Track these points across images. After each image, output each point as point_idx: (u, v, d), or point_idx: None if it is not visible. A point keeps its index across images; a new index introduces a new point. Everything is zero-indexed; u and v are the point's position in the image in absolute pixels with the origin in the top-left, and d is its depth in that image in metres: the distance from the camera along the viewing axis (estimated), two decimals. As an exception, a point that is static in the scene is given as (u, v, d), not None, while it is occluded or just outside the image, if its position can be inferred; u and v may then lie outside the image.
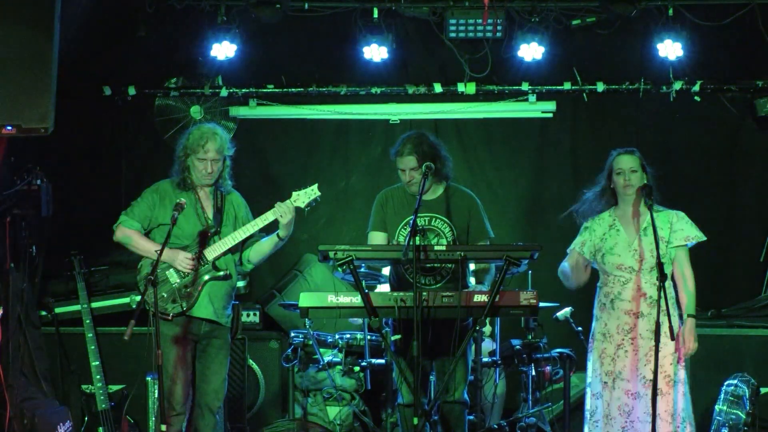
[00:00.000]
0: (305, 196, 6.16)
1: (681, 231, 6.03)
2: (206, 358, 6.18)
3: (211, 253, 6.11)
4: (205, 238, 6.12)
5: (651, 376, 5.73)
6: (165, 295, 6.05)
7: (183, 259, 6.05)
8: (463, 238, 6.22)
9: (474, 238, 6.24)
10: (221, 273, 6.13)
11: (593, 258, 6.21)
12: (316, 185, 6.19)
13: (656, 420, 5.64)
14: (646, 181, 6.08)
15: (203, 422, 6.18)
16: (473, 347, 6.64)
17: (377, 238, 6.31)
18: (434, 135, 6.65)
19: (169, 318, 5.99)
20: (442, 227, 6.19)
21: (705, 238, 6.08)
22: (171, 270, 6.08)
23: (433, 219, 6.21)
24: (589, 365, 6.18)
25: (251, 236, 6.22)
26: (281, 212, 6.10)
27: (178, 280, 6.07)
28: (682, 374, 5.96)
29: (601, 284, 6.17)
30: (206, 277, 6.10)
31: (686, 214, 6.13)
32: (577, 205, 6.40)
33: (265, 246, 6.27)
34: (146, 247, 6.12)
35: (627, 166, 6.11)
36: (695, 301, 6.01)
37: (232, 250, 6.19)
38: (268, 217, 6.14)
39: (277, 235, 6.20)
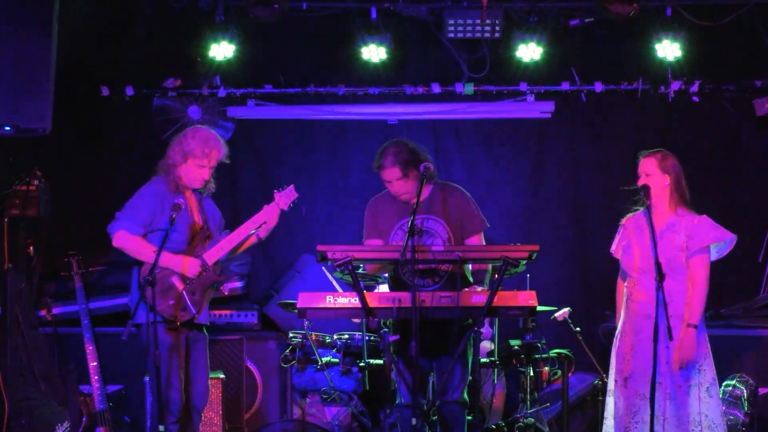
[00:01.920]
0: (286, 197, 6.14)
1: (697, 236, 5.95)
2: (192, 361, 6.14)
3: (211, 258, 6.06)
4: (201, 243, 6.10)
5: (659, 378, 5.73)
6: (173, 302, 5.97)
7: (192, 266, 5.99)
8: (458, 233, 6.19)
9: (469, 231, 6.20)
10: (222, 278, 6.12)
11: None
12: (292, 186, 6.17)
13: (654, 422, 5.65)
14: (667, 183, 5.99)
15: (191, 423, 6.17)
16: (472, 348, 6.64)
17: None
18: (407, 138, 6.56)
19: (177, 325, 5.93)
20: (436, 227, 6.17)
21: (728, 240, 5.99)
22: (175, 276, 6.02)
23: (426, 220, 6.18)
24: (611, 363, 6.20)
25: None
26: (271, 215, 6.10)
27: (182, 287, 6.01)
28: (698, 379, 5.91)
29: (626, 283, 6.17)
30: (210, 283, 6.08)
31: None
32: None
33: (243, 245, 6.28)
34: (150, 254, 5.90)
35: (642, 170, 6.06)
36: (700, 310, 5.95)
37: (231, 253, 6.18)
38: (258, 220, 6.11)
39: (257, 236, 6.19)
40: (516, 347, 7.16)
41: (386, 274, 6.54)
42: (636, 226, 6.12)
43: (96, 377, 7.04)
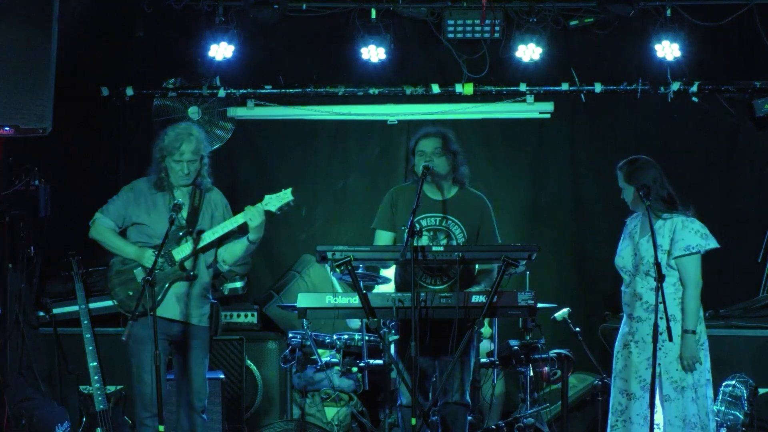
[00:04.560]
0: (277, 200, 6.12)
1: (681, 241, 5.95)
2: (184, 359, 6.16)
3: (179, 253, 6.10)
4: (176, 239, 6.11)
5: (651, 380, 5.73)
6: (131, 294, 6.05)
7: (149, 258, 6.04)
8: (474, 239, 6.21)
9: (483, 242, 6.23)
10: (186, 274, 6.11)
11: None
12: (289, 189, 6.14)
13: (642, 422, 5.65)
14: (641, 193, 5.94)
15: (189, 422, 6.18)
16: (474, 349, 6.64)
17: (384, 237, 6.29)
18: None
19: (134, 318, 5.92)
20: (453, 228, 6.19)
21: (710, 247, 5.98)
22: (139, 268, 6.09)
23: (445, 220, 6.20)
24: None
25: (227, 236, 6.20)
26: (250, 215, 6.08)
27: (143, 278, 6.05)
28: (689, 380, 5.90)
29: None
30: (172, 278, 6.09)
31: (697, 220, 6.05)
32: None
33: (237, 248, 6.25)
34: (119, 245, 6.16)
35: (619, 183, 6.08)
36: (695, 313, 5.94)
37: (203, 251, 6.17)
38: (237, 220, 6.12)
39: (247, 238, 6.18)
40: (516, 347, 7.16)
41: (388, 273, 6.53)
42: (633, 228, 6.14)
43: (95, 377, 7.05)
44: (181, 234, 6.14)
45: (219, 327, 6.32)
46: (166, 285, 6.07)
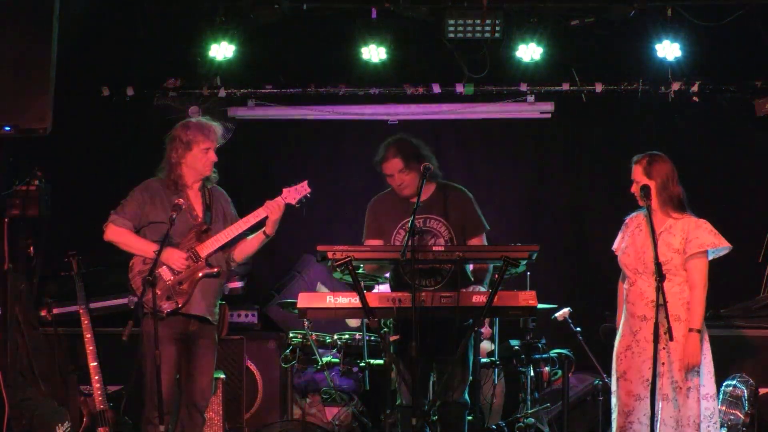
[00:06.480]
0: (296, 192, 6.17)
1: (696, 240, 5.95)
2: (194, 358, 6.16)
3: (204, 250, 6.11)
4: (197, 236, 6.12)
5: (651, 380, 5.73)
6: (159, 293, 6.05)
7: (178, 258, 6.05)
8: (460, 234, 6.20)
9: (470, 233, 6.22)
10: (214, 270, 6.13)
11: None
12: (306, 182, 6.19)
13: (655, 423, 5.64)
14: (642, 193, 5.94)
15: (191, 422, 6.18)
16: (472, 348, 6.64)
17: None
18: (413, 135, 6.56)
19: (164, 316, 5.96)
20: (438, 227, 6.18)
21: (724, 247, 5.99)
22: (164, 267, 6.09)
23: (428, 220, 6.20)
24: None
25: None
26: (271, 209, 6.11)
27: (171, 278, 6.07)
28: (696, 381, 5.90)
29: (624, 284, 6.17)
30: (200, 275, 6.10)
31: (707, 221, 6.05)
32: None
33: (251, 244, 6.26)
34: (139, 246, 6.12)
35: (632, 176, 6.06)
36: (702, 313, 5.95)
37: (224, 248, 6.19)
38: (259, 214, 6.14)
39: (264, 232, 6.19)
40: (516, 347, 7.16)
41: (387, 274, 6.54)
42: (636, 226, 6.12)
43: (96, 377, 7.04)
44: (204, 231, 6.15)
45: (226, 327, 6.33)
46: (195, 282, 6.08)
